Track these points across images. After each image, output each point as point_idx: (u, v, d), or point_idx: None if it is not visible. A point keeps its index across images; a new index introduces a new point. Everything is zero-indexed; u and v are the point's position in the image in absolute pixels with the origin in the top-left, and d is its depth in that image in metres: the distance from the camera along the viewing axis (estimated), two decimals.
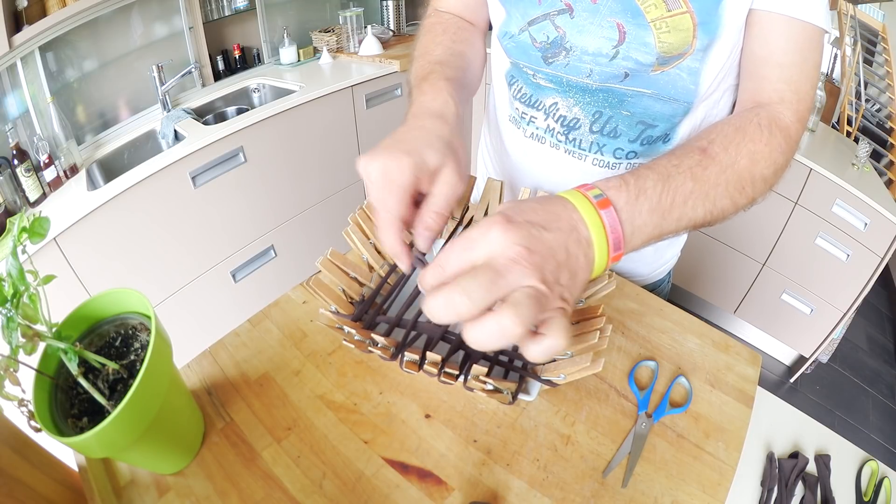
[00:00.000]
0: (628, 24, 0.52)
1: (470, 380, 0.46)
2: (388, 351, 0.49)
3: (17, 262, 0.36)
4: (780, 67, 0.51)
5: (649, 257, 0.77)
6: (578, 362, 0.45)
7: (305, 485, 0.47)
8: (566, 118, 0.63)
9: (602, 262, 0.36)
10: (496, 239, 0.32)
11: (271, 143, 1.66)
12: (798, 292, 1.82)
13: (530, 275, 0.31)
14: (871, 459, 0.53)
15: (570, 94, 0.61)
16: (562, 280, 0.33)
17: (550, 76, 0.61)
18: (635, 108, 0.59)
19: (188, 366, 0.57)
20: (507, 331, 0.29)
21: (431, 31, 0.63)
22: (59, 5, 1.36)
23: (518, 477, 0.47)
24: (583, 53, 0.57)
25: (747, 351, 0.60)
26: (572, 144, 0.64)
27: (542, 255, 0.32)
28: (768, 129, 0.48)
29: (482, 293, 0.29)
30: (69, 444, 0.37)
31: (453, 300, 0.30)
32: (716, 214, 0.45)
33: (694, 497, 0.46)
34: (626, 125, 0.60)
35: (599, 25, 0.54)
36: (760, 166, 0.47)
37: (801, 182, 1.66)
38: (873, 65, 2.03)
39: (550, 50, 0.59)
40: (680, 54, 0.53)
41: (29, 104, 1.37)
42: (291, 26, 2.05)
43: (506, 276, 0.30)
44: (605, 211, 0.37)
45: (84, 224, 1.27)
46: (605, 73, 0.57)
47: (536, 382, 0.49)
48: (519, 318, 0.29)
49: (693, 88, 0.56)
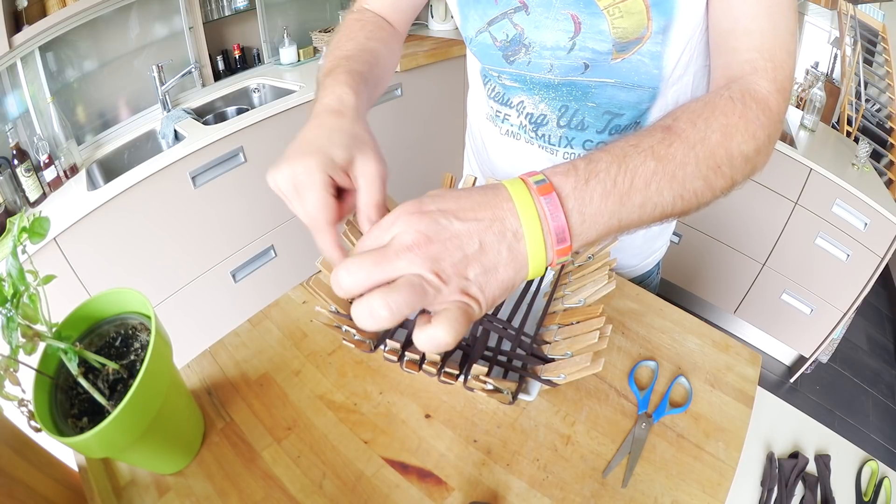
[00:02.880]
0: (582, 15, 0.53)
1: (470, 380, 0.46)
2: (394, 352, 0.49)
3: (17, 262, 0.36)
4: (748, 35, 0.46)
5: (637, 248, 0.77)
6: (578, 362, 0.45)
7: (305, 485, 0.47)
8: (533, 115, 0.64)
9: (539, 256, 0.33)
10: (400, 225, 0.31)
11: (271, 143, 1.65)
12: (798, 292, 1.82)
13: (419, 264, 0.30)
14: (871, 459, 0.53)
15: (534, 91, 0.62)
16: (467, 274, 0.31)
17: (514, 75, 0.62)
18: (600, 98, 0.59)
19: (188, 366, 0.57)
20: (374, 312, 0.29)
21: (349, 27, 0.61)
22: (59, 5, 1.36)
23: (518, 477, 0.47)
24: (542, 49, 0.57)
25: (747, 351, 0.60)
26: (543, 140, 0.65)
27: (443, 245, 0.31)
28: (741, 101, 0.42)
29: (363, 275, 0.30)
30: (69, 444, 0.37)
31: (338, 276, 0.30)
32: (688, 199, 0.39)
33: (694, 497, 0.46)
34: (592, 117, 0.60)
35: (555, 19, 0.54)
36: (737, 140, 0.41)
37: (801, 182, 1.66)
38: (873, 65, 2.03)
39: (511, 48, 0.59)
40: (637, 38, 0.53)
41: (29, 104, 1.37)
42: (291, 26, 2.05)
43: (393, 261, 0.30)
44: (545, 198, 0.33)
45: (84, 224, 1.27)
46: (565, 66, 0.57)
47: (536, 382, 0.49)
48: (386, 302, 0.29)
49: (657, 73, 0.55)
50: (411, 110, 2.10)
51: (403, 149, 2.18)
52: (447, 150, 2.30)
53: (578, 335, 0.48)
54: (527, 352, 0.50)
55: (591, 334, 0.46)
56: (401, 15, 0.67)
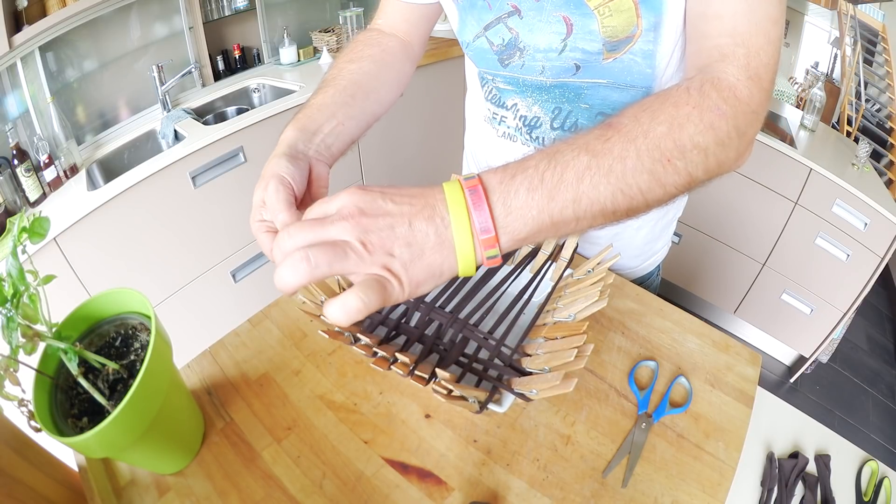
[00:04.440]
0: (573, 16, 0.52)
1: (433, 384, 0.44)
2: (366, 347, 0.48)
3: (17, 262, 0.36)
4: (718, 19, 0.43)
5: (637, 249, 0.76)
6: (550, 379, 0.43)
7: (305, 485, 0.47)
8: (527, 117, 0.64)
9: (466, 246, 0.34)
10: (342, 199, 0.34)
11: (271, 143, 1.63)
12: (798, 292, 1.82)
13: (349, 232, 0.33)
14: (871, 459, 0.53)
15: (527, 93, 0.62)
16: (393, 250, 0.33)
17: (508, 78, 0.62)
18: (593, 99, 0.59)
19: (188, 366, 0.57)
20: (295, 263, 0.31)
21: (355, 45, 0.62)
22: (59, 5, 1.36)
23: (518, 477, 0.47)
24: (535, 51, 0.57)
25: (747, 351, 0.60)
26: (537, 142, 0.65)
27: (374, 219, 0.33)
28: (698, 90, 0.40)
29: (301, 236, 0.33)
30: (69, 444, 0.37)
31: (280, 239, 0.34)
32: (633, 195, 0.37)
33: (694, 497, 0.46)
34: (585, 118, 0.60)
35: (547, 21, 0.54)
36: (688, 132, 0.38)
37: (801, 182, 1.66)
38: (873, 65, 2.03)
39: (506, 52, 0.59)
40: (628, 37, 0.52)
41: (29, 104, 1.37)
42: (291, 26, 2.05)
43: (328, 227, 0.33)
44: (469, 190, 0.35)
45: (84, 224, 1.27)
46: (556, 67, 0.57)
47: (510, 395, 0.47)
48: (307, 254, 0.31)
49: (650, 72, 0.55)
50: (411, 110, 2.10)
51: (403, 149, 2.18)
52: (447, 150, 2.30)
53: (559, 351, 0.47)
54: (504, 363, 0.49)
55: (570, 352, 0.44)
56: (413, 28, 0.67)
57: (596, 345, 0.60)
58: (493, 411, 0.47)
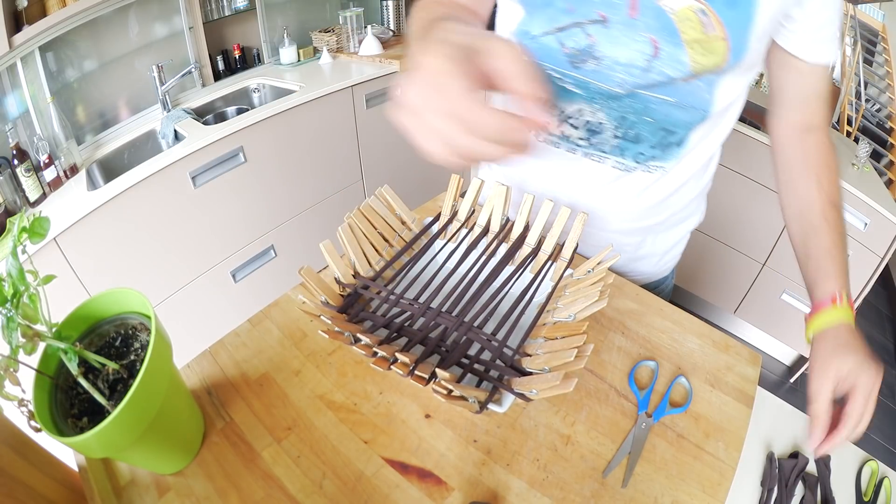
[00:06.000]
0: (662, 42, 0.53)
1: (433, 384, 0.44)
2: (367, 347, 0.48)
3: (17, 262, 0.36)
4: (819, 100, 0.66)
5: (657, 257, 0.77)
6: (550, 380, 0.43)
7: (305, 485, 0.47)
8: (591, 122, 0.63)
9: None
10: None
11: (271, 143, 1.66)
12: (798, 292, 1.82)
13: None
14: (871, 459, 0.53)
15: (595, 99, 0.61)
16: None
17: (578, 81, 0.60)
18: (658, 114, 0.59)
19: (188, 366, 0.57)
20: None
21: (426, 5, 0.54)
22: (59, 5, 1.36)
23: (518, 477, 0.47)
24: (614, 63, 0.56)
25: (747, 351, 0.60)
26: (594, 148, 0.65)
27: None
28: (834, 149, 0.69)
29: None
30: (69, 444, 0.37)
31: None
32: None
33: (694, 497, 0.46)
34: (648, 131, 0.61)
35: (634, 39, 0.54)
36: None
37: None
38: (873, 65, 2.03)
39: (579, 57, 0.58)
40: (712, 73, 0.55)
41: (29, 104, 1.37)
42: (291, 26, 2.05)
43: None
44: None
45: (84, 224, 1.27)
46: (637, 82, 0.57)
47: (510, 395, 0.47)
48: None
49: (709, 98, 0.57)
50: None
51: (404, 149, 2.18)
52: None
53: (559, 351, 0.47)
54: (506, 363, 0.49)
55: (570, 352, 0.45)
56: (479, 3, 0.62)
57: (596, 345, 0.60)
58: (493, 411, 0.47)
